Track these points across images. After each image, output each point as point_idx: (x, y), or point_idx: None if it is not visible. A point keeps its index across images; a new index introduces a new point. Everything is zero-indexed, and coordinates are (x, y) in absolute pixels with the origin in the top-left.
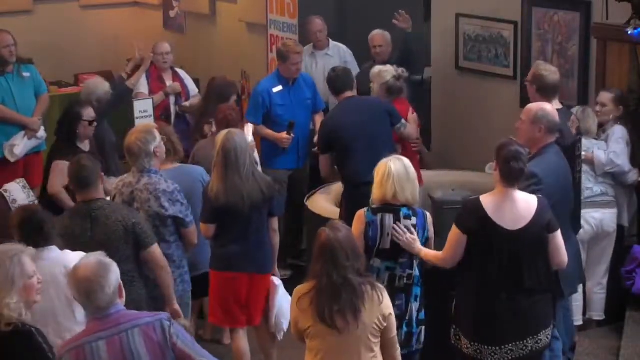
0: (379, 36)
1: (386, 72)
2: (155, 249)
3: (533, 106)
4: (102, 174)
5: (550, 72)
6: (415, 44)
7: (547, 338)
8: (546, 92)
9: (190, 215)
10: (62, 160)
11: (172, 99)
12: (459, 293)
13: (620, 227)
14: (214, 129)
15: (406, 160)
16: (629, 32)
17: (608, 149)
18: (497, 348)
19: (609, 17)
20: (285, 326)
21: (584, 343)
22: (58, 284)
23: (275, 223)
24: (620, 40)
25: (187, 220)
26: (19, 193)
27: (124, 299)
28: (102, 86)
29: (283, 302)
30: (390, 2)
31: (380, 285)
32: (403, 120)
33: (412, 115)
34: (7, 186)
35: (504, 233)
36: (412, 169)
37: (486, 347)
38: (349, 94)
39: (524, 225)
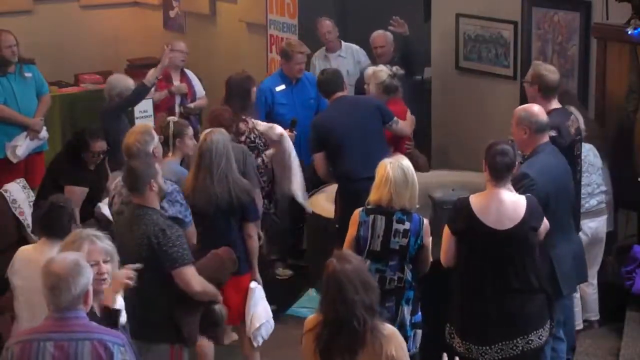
0: (380, 37)
1: (381, 71)
2: (180, 273)
3: (518, 109)
4: (152, 182)
5: (550, 71)
6: (415, 45)
7: (540, 339)
8: (549, 91)
9: (189, 215)
10: (73, 186)
11: (177, 100)
12: (453, 292)
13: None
14: (250, 125)
15: (406, 163)
16: (629, 32)
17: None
18: (487, 347)
19: (609, 17)
20: (263, 332)
21: (584, 343)
22: None
23: (249, 229)
24: (620, 40)
25: (186, 220)
26: (18, 193)
27: (88, 307)
28: (124, 82)
29: (258, 307)
30: (391, 2)
31: (385, 330)
32: (395, 117)
33: (411, 116)
34: (7, 186)
35: (489, 232)
36: (411, 172)
37: (476, 346)
38: (339, 94)
39: (510, 227)
